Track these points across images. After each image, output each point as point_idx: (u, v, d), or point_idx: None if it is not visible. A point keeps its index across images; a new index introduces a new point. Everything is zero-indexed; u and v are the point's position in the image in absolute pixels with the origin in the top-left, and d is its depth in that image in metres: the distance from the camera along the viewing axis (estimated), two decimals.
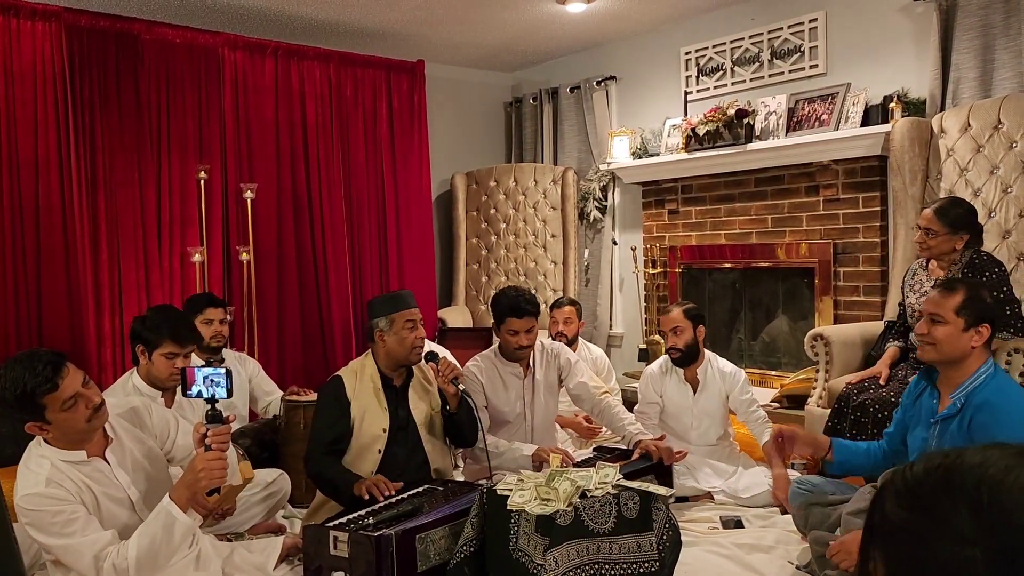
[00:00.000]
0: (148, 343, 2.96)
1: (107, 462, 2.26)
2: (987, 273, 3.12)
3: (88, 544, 2.09)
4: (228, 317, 3.82)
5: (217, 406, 2.23)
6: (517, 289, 3.44)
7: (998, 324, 2.43)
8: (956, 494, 0.68)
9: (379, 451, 2.99)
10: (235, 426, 3.70)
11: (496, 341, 3.52)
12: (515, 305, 3.29)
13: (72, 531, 2.09)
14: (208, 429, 2.19)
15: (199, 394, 2.23)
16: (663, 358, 3.84)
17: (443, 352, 4.32)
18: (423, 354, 3.11)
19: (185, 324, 3.11)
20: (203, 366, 2.28)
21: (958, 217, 3.22)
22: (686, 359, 3.70)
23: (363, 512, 2.57)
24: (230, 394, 2.26)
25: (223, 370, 2.24)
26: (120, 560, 2.09)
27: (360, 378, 3.07)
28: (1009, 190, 3.70)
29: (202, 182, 4.81)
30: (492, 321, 3.45)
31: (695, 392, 3.71)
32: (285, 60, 5.26)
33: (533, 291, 4.13)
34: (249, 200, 4.92)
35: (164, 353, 2.95)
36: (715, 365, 3.76)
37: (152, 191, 4.75)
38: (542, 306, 4.77)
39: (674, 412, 3.75)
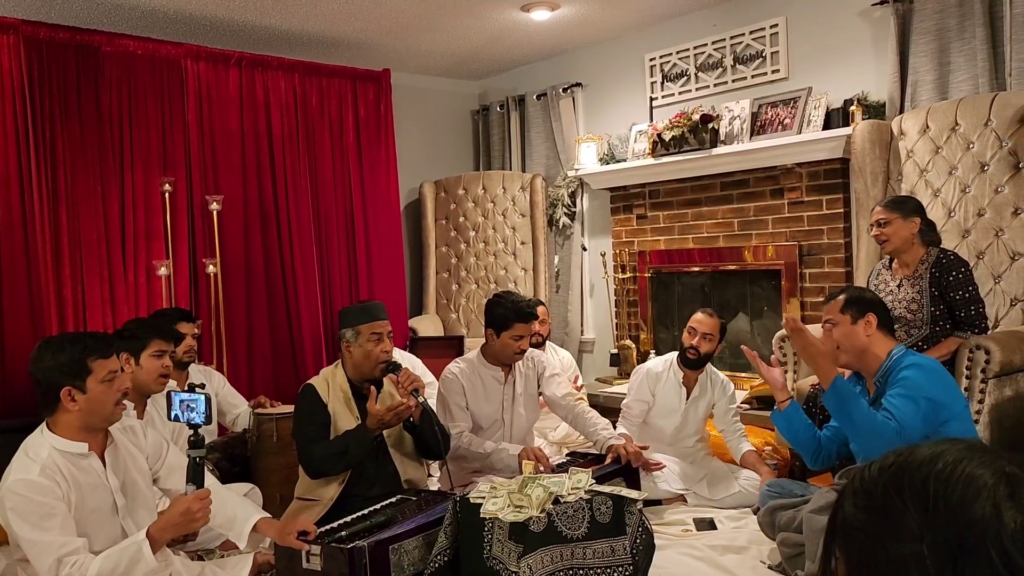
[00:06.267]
0: (134, 349, 3.01)
1: (103, 463, 2.28)
2: (954, 272, 3.17)
3: (56, 545, 2.09)
4: (197, 331, 3.80)
5: (200, 431, 2.27)
6: (514, 294, 3.46)
7: (884, 315, 2.73)
8: (906, 493, 0.69)
9: None
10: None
11: (469, 349, 3.52)
12: (521, 310, 3.33)
13: (48, 526, 2.09)
14: (188, 492, 2.22)
15: (176, 418, 2.29)
16: (668, 356, 3.91)
17: (408, 360, 4.31)
18: (386, 365, 3.08)
19: (166, 323, 3.27)
20: (184, 391, 2.29)
21: (906, 205, 3.31)
22: (698, 364, 3.78)
23: (335, 525, 2.56)
24: (208, 420, 2.30)
25: (202, 396, 2.26)
26: (78, 574, 2.08)
27: (331, 386, 3.06)
28: (967, 190, 3.77)
29: (167, 194, 4.75)
30: (486, 328, 3.43)
31: (688, 396, 3.77)
32: (249, 70, 5.22)
33: None
34: (215, 212, 4.86)
35: (153, 352, 3.04)
36: (711, 375, 3.87)
37: (115, 204, 4.69)
38: None
39: (663, 412, 3.80)
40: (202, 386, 2.30)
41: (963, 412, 2.58)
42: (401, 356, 4.30)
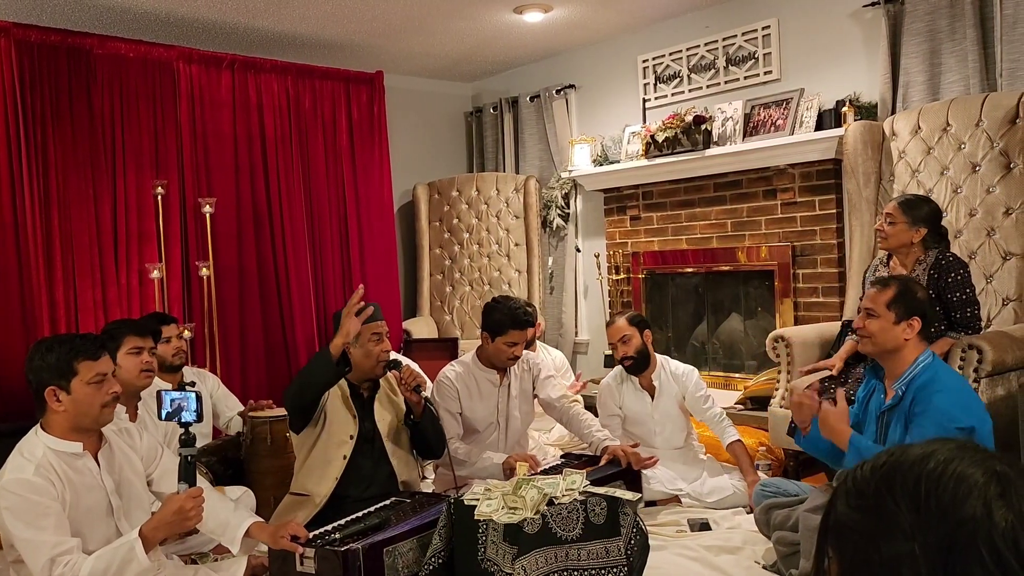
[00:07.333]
0: (109, 350, 2.95)
1: (97, 463, 2.28)
2: (952, 274, 3.18)
3: (50, 544, 2.09)
4: (186, 333, 3.78)
5: (191, 429, 2.27)
6: (512, 299, 3.45)
7: (931, 318, 2.60)
8: (898, 492, 0.69)
9: (344, 457, 2.98)
10: (197, 443, 3.67)
11: (463, 351, 3.52)
12: (517, 317, 3.32)
13: (43, 525, 2.09)
14: (180, 491, 2.22)
15: (167, 416, 2.29)
16: (617, 369, 3.86)
17: (406, 361, 4.31)
18: (387, 363, 3.10)
19: (143, 320, 3.23)
20: (175, 390, 2.29)
21: (920, 211, 3.29)
22: (639, 366, 3.73)
23: (329, 527, 2.55)
24: (200, 418, 2.30)
25: (192, 394, 2.27)
26: (71, 574, 2.08)
27: None
28: (959, 191, 3.79)
29: (159, 197, 4.74)
30: (482, 331, 3.42)
31: (653, 398, 3.75)
32: (242, 73, 5.21)
33: None
34: (208, 215, 4.86)
35: (129, 349, 3.01)
36: (668, 368, 3.81)
37: (108, 207, 4.67)
38: None
39: (635, 420, 3.78)
40: (193, 384, 2.30)
41: (989, 434, 2.47)
42: (394, 357, 4.30)
